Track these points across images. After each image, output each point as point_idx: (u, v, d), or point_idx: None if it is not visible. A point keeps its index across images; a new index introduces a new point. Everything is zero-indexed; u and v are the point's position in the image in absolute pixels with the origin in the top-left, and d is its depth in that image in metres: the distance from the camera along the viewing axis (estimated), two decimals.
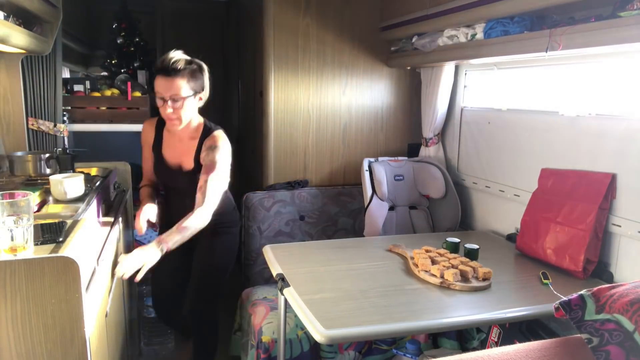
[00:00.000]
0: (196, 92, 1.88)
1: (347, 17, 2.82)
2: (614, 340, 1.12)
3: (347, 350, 2.19)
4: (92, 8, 4.24)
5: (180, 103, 1.83)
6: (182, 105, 1.84)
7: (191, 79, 1.84)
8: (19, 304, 1.12)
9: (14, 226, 1.18)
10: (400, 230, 2.68)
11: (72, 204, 1.66)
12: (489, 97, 2.56)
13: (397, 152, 3.03)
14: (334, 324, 1.45)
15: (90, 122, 2.81)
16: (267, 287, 2.54)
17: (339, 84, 2.87)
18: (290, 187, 2.82)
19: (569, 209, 1.92)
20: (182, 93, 1.83)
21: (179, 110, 1.84)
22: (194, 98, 1.89)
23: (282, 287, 1.72)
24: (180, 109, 1.85)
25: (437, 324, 1.55)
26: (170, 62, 1.81)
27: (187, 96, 1.84)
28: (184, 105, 1.85)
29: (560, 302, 1.22)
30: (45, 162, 2.02)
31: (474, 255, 1.96)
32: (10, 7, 1.79)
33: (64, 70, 3.08)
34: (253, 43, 3.13)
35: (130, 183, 2.48)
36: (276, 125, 2.80)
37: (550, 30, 1.70)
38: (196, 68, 1.88)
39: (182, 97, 1.83)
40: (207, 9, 4.42)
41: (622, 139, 1.79)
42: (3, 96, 2.29)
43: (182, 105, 1.84)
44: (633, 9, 1.43)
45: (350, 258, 2.04)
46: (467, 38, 2.16)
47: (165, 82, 1.82)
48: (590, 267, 1.84)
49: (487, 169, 2.52)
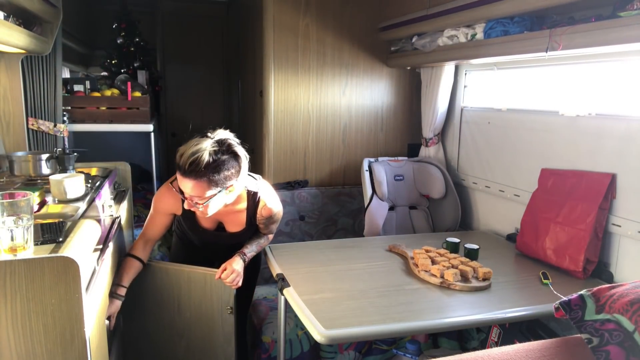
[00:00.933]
0: (224, 187, 1.63)
1: (347, 17, 2.82)
2: (614, 340, 1.12)
3: (347, 350, 2.19)
4: (92, 8, 4.24)
5: (205, 202, 1.62)
6: (208, 204, 1.63)
7: (214, 178, 1.58)
8: (19, 304, 1.12)
9: (14, 226, 1.17)
10: (400, 230, 2.68)
11: (72, 204, 1.66)
12: (489, 97, 2.56)
13: (397, 152, 3.03)
14: (334, 324, 1.45)
15: (90, 122, 2.81)
16: (267, 287, 2.55)
17: (339, 84, 2.87)
18: (290, 187, 2.82)
19: (569, 209, 1.92)
20: (205, 194, 1.60)
21: (206, 207, 1.64)
22: (223, 192, 1.64)
23: (282, 287, 1.72)
24: (207, 207, 1.64)
25: (437, 324, 1.55)
26: (188, 163, 1.55)
27: (211, 196, 1.61)
28: (209, 204, 1.63)
29: (560, 302, 1.22)
30: (45, 162, 2.02)
31: (474, 255, 1.96)
32: (10, 7, 1.79)
33: (64, 70, 3.08)
34: (253, 43, 3.13)
35: (130, 183, 2.47)
36: (276, 125, 2.80)
37: (550, 30, 1.70)
38: (223, 160, 1.59)
39: (205, 198, 1.61)
40: (207, 9, 4.42)
41: (622, 139, 1.79)
42: (3, 96, 2.28)
43: (208, 204, 1.63)
44: (633, 9, 1.43)
45: (350, 258, 2.04)
46: (467, 38, 2.16)
47: (185, 182, 1.59)
48: (590, 267, 1.84)
49: (487, 169, 2.52)
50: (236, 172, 1.63)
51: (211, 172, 1.56)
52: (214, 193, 1.61)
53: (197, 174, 1.55)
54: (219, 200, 1.66)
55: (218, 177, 1.58)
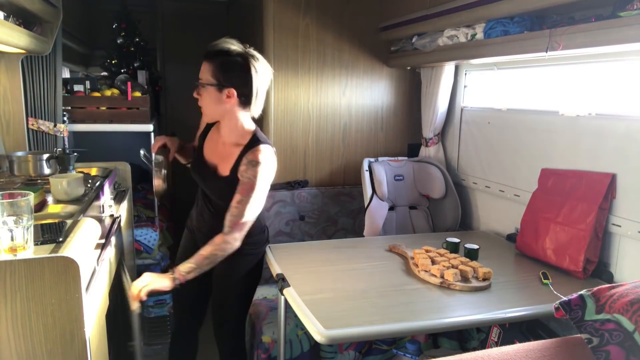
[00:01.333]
0: (221, 85, 1.68)
1: (347, 17, 2.82)
2: (614, 340, 1.12)
3: (347, 350, 2.19)
4: (92, 8, 4.23)
5: (201, 90, 1.71)
6: (201, 93, 1.72)
7: (221, 68, 1.67)
8: (19, 304, 1.11)
9: (14, 226, 1.17)
10: (400, 230, 2.68)
11: (72, 204, 1.66)
12: (489, 97, 2.56)
13: (397, 152, 3.03)
14: (334, 324, 1.45)
15: (90, 122, 2.80)
16: (267, 287, 2.54)
17: (339, 84, 2.87)
18: (290, 187, 2.82)
19: (569, 209, 1.92)
20: (203, 78, 1.70)
21: (201, 98, 1.73)
22: (217, 91, 1.69)
23: (282, 287, 1.72)
24: (201, 97, 1.73)
25: (437, 324, 1.55)
26: (211, 46, 1.69)
27: (207, 83, 1.69)
28: (203, 94, 1.72)
29: (560, 302, 1.22)
30: (45, 162, 2.02)
31: (474, 255, 1.96)
32: (10, 7, 1.79)
33: (64, 70, 3.08)
34: (253, 43, 3.12)
35: (130, 183, 2.47)
36: (276, 125, 2.80)
37: (550, 30, 1.70)
38: (236, 60, 1.68)
39: (202, 83, 1.70)
40: (207, 9, 4.42)
41: (622, 139, 1.79)
42: (3, 96, 2.28)
43: (202, 92, 1.72)
44: (633, 9, 1.43)
45: (350, 258, 2.04)
46: (467, 38, 2.16)
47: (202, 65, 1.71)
48: (590, 267, 1.84)
49: (487, 169, 2.52)
50: (240, 81, 1.69)
51: (220, 62, 1.67)
52: (212, 82, 1.68)
53: (209, 56, 1.69)
54: (212, 98, 1.71)
55: (222, 71, 1.67)
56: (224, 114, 1.75)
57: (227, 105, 1.71)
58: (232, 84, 1.68)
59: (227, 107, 1.72)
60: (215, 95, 1.70)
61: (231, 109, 1.73)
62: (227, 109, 1.73)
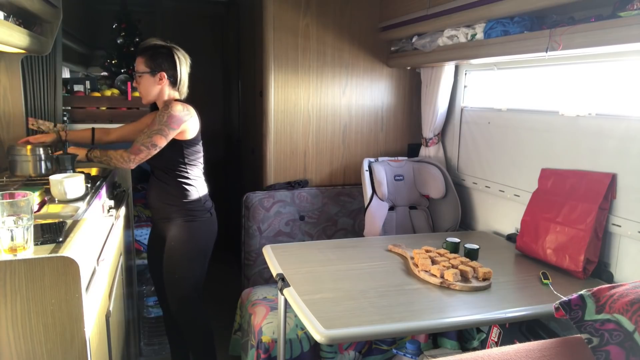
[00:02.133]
0: (153, 71, 2.02)
1: (347, 17, 2.82)
2: (614, 340, 1.12)
3: (347, 350, 2.19)
4: (92, 8, 4.23)
5: (138, 79, 2.05)
6: (140, 81, 2.05)
7: (151, 58, 2.02)
8: (19, 304, 1.12)
9: (14, 226, 1.17)
10: (400, 230, 2.68)
11: (72, 204, 1.66)
12: (489, 97, 2.56)
13: (397, 152, 3.03)
14: (334, 324, 1.45)
15: (90, 122, 2.80)
16: (267, 287, 2.54)
17: (339, 84, 2.87)
18: (290, 187, 2.82)
19: (569, 209, 1.92)
20: (139, 69, 2.04)
21: (139, 85, 2.06)
22: (152, 76, 2.03)
23: (282, 287, 1.72)
24: (139, 85, 2.06)
25: (437, 324, 1.55)
26: (141, 44, 2.11)
27: (142, 72, 2.03)
28: (140, 81, 2.05)
29: (560, 302, 1.22)
30: (46, 162, 2.02)
31: (474, 255, 1.96)
32: (10, 7, 1.79)
33: (64, 70, 3.08)
34: (253, 43, 3.13)
35: (130, 183, 2.47)
36: (276, 125, 2.80)
37: (550, 30, 1.70)
38: (162, 51, 2.04)
39: (138, 72, 2.04)
40: (207, 9, 4.42)
41: (622, 139, 1.79)
42: (3, 96, 2.28)
43: (140, 81, 2.05)
44: (633, 9, 1.43)
45: (350, 258, 2.04)
46: (467, 38, 2.16)
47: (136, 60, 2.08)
48: (590, 267, 1.84)
49: (487, 169, 2.52)
50: (168, 65, 2.04)
51: (150, 54, 2.03)
52: (146, 70, 2.03)
53: (140, 51, 2.06)
54: (149, 83, 2.05)
55: (153, 60, 2.03)
56: (158, 94, 2.09)
57: (160, 85, 2.06)
58: (162, 68, 2.04)
59: (160, 88, 2.07)
60: (150, 80, 2.05)
61: (162, 88, 2.07)
62: (160, 89, 2.07)
